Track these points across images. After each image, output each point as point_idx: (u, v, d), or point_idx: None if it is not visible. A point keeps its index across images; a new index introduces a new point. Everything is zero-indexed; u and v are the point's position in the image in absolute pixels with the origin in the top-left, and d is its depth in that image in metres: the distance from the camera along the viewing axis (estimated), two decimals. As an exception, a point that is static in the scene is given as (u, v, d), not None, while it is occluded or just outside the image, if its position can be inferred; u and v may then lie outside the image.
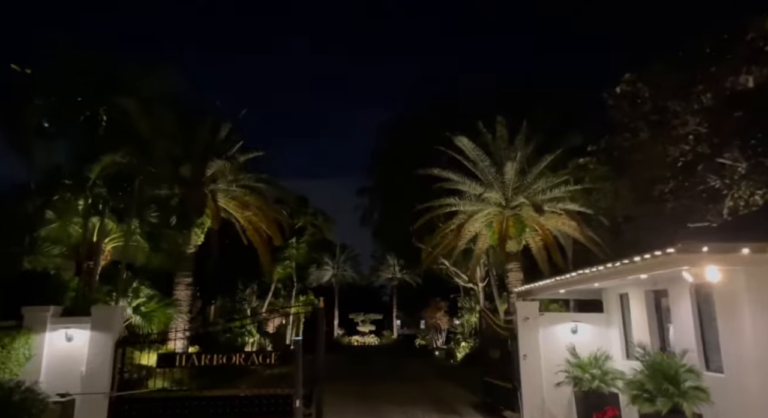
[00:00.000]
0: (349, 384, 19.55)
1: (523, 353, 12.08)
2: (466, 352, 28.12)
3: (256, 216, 19.29)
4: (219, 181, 18.85)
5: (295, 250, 31.87)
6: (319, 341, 12.27)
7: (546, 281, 11.56)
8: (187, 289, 18.63)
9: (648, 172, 16.90)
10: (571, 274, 10.29)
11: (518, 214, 19.20)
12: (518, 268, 19.53)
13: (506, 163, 18.42)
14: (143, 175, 13.53)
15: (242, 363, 11.80)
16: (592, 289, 12.17)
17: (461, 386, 18.33)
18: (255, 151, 19.42)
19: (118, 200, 12.99)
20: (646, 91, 17.17)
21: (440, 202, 20.23)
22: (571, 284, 10.90)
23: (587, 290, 12.68)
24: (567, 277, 10.56)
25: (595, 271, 9.08)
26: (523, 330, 12.12)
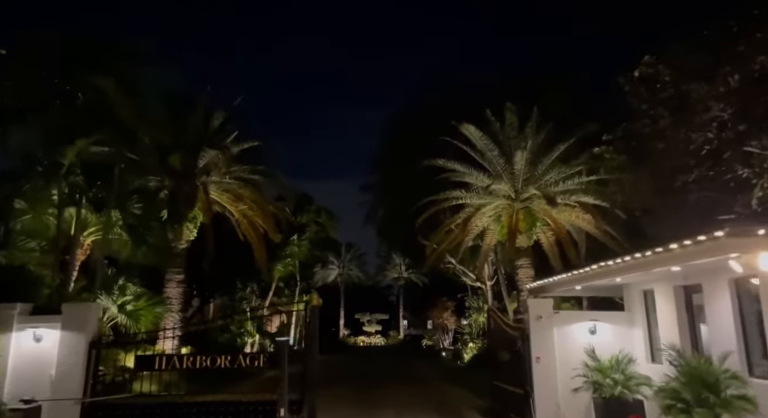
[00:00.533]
0: (349, 387, 18.51)
1: (535, 356, 10.97)
2: (474, 353, 27.01)
3: (251, 210, 18.29)
4: (213, 173, 17.86)
5: (296, 247, 30.86)
6: (313, 341, 11.24)
7: (562, 275, 10.45)
8: (179, 286, 17.67)
9: (669, 162, 15.66)
10: (591, 267, 9.19)
11: (529, 207, 18.10)
12: (529, 264, 18.43)
13: (516, 153, 17.31)
14: (124, 163, 12.57)
15: (228, 365, 10.76)
16: (612, 285, 11.04)
17: (468, 389, 17.23)
18: (250, 141, 18.38)
19: (96, 190, 12.00)
20: (666, 74, 15.95)
21: (445, 195, 19.16)
22: (590, 278, 9.79)
23: (606, 287, 11.56)
24: (587, 270, 9.45)
25: (620, 262, 7.98)
26: (535, 330, 11.02)
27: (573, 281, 10.60)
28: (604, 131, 18.44)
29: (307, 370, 11.03)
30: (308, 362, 11.07)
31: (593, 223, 17.07)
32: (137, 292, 15.94)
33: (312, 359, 11.10)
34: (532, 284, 11.86)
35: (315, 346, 11.20)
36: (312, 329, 11.24)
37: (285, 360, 8.18)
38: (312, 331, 11.23)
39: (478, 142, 17.89)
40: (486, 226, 19.64)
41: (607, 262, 8.39)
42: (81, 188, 11.77)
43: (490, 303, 28.30)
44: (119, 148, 12.13)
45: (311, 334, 11.25)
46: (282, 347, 8.26)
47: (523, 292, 18.28)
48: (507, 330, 12.85)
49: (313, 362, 11.15)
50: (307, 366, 11.03)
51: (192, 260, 23.02)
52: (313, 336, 11.21)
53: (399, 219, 31.91)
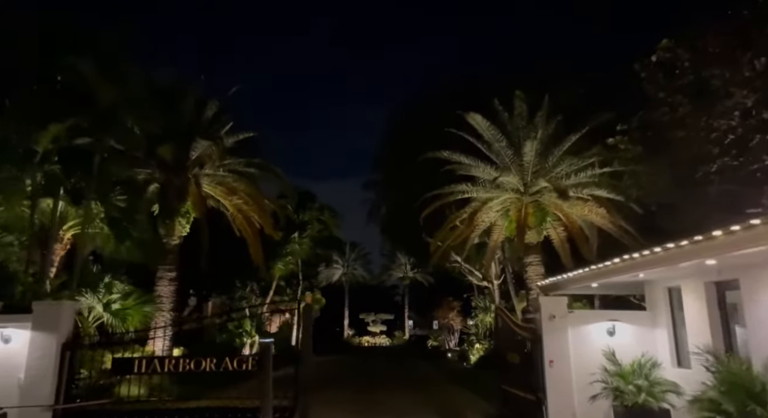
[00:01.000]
0: (350, 389, 17.63)
1: (549, 359, 10.05)
2: (481, 354, 26.07)
3: (247, 205, 17.43)
4: (206, 165, 17.02)
5: (297, 245, 30.02)
6: (306, 342, 10.37)
7: (578, 271, 9.52)
8: (171, 284, 16.85)
9: (690, 151, 14.69)
10: (614, 261, 8.24)
11: (538, 201, 17.15)
12: (539, 261, 17.48)
13: (525, 143, 16.37)
14: (106, 152, 11.74)
15: (213, 369, 9.91)
16: (632, 282, 10.10)
17: (475, 392, 16.30)
18: (245, 132, 17.53)
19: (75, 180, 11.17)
20: (686, 58, 14.97)
21: (450, 189, 18.23)
22: (610, 273, 8.85)
23: (625, 284, 10.63)
24: (608, 265, 8.51)
25: (648, 255, 7.05)
26: (548, 331, 10.09)
27: (590, 278, 9.66)
28: (618, 121, 17.47)
29: (299, 373, 10.19)
30: (301, 364, 10.23)
31: (607, 217, 16.10)
32: (125, 290, 15.15)
33: (305, 362, 10.24)
34: (544, 281, 10.95)
35: (309, 347, 10.34)
36: (306, 329, 10.37)
37: (269, 363, 7.30)
38: (306, 331, 10.36)
39: (485, 132, 16.96)
40: (493, 221, 18.71)
41: (632, 255, 7.45)
42: (58, 178, 10.95)
43: (498, 303, 27.38)
44: (100, 135, 11.28)
45: (305, 334, 10.38)
46: (265, 349, 7.34)
47: (532, 290, 17.34)
48: (517, 331, 11.93)
49: (307, 365, 10.30)
50: (300, 369, 10.19)
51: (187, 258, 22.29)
52: (306, 336, 10.35)
53: (402, 216, 31.01)
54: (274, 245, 28.83)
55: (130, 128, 14.77)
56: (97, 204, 11.81)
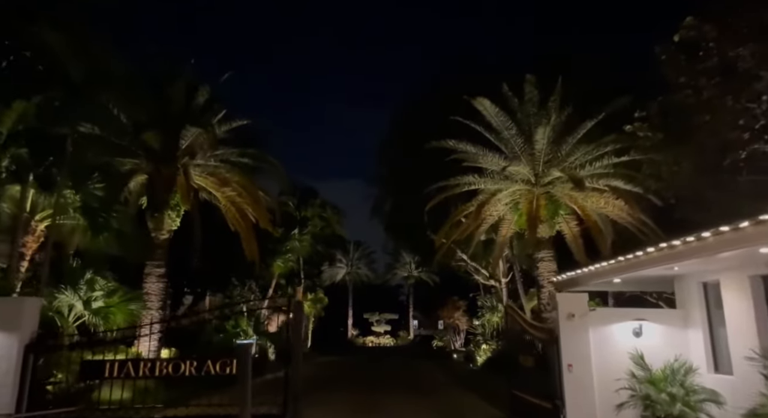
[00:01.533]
0: (351, 393, 16.62)
1: (567, 362, 9.00)
2: (488, 355, 24.98)
3: (240, 197, 16.43)
4: (197, 155, 16.02)
5: (297, 242, 29.01)
6: (296, 343, 9.36)
7: (602, 263, 8.44)
8: (160, 281, 15.87)
9: (716, 138, 13.58)
10: (647, 250, 7.17)
11: (550, 192, 16.06)
12: (551, 257, 16.38)
13: (537, 130, 15.28)
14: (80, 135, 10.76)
15: (193, 372, 8.89)
16: (660, 276, 9.04)
17: (482, 397, 15.24)
18: (239, 120, 16.52)
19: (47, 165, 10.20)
20: (712, 36, 13.85)
21: (456, 181, 17.16)
22: (639, 266, 7.79)
23: (651, 279, 9.56)
24: (639, 255, 7.42)
25: (692, 241, 5.98)
26: (566, 331, 9.04)
27: (615, 271, 8.58)
28: (635, 108, 16.37)
29: (290, 377, 9.16)
30: (292, 366, 9.20)
31: (626, 210, 15.00)
32: (109, 287, 14.22)
33: (296, 365, 9.21)
34: (561, 276, 9.90)
35: (299, 349, 9.31)
36: (296, 328, 9.35)
37: (248, 367, 6.30)
38: (296, 330, 9.34)
39: (493, 119, 15.88)
40: (501, 215, 17.65)
41: (670, 243, 6.38)
42: (25, 163, 9.98)
43: (506, 302, 26.32)
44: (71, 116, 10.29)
45: (295, 333, 9.36)
46: (243, 351, 6.34)
47: (544, 288, 16.27)
48: (529, 331, 10.88)
49: (299, 367, 9.27)
50: (291, 372, 9.16)
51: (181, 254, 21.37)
52: (297, 336, 9.33)
53: (407, 212, 30.05)
54: (274, 241, 27.88)
55: (113, 113, 13.87)
56: (72, 193, 10.84)
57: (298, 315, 9.39)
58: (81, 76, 9.97)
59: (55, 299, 12.86)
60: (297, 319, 9.37)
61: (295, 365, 9.18)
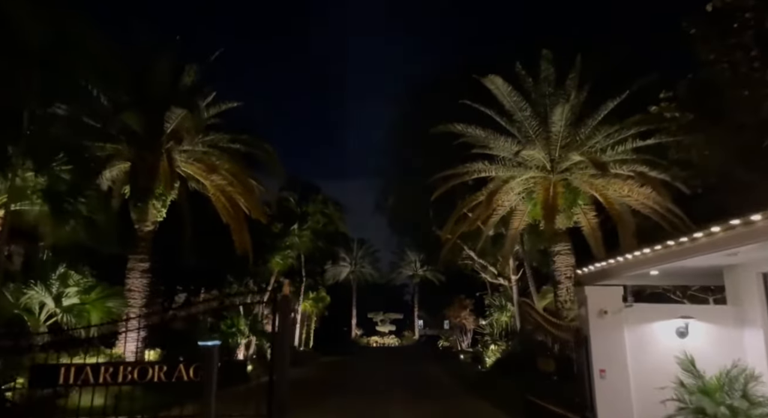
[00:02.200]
0: (349, 397, 15.34)
1: (599, 367, 7.68)
2: (497, 357, 23.60)
3: (231, 185, 15.18)
4: (184, 141, 14.77)
5: (297, 238, 27.72)
6: (282, 344, 8.08)
7: (643, 251, 7.10)
8: (143, 277, 14.66)
9: (755, 116, 12.22)
10: (710, 230, 5.84)
11: (568, 179, 14.74)
12: (568, 250, 15.05)
13: (554, 111, 13.93)
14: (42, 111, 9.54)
15: (163, 378, 7.65)
16: (707, 268, 7.71)
17: (494, 403, 13.90)
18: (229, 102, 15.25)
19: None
20: (750, 4, 12.47)
21: (465, 169, 15.86)
22: (689, 253, 6.44)
23: (695, 271, 8.22)
24: (698, 236, 6.08)
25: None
26: (597, 331, 7.73)
27: (657, 260, 7.22)
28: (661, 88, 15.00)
29: (275, 384, 7.88)
30: (277, 372, 7.93)
31: (652, 198, 13.67)
32: (87, 283, 13.05)
33: (282, 368, 7.93)
34: (588, 268, 8.60)
35: (286, 350, 8.04)
36: (283, 328, 8.08)
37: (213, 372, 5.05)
38: (282, 330, 8.06)
39: (506, 99, 14.54)
40: (513, 206, 16.33)
41: (747, 218, 5.06)
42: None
43: (516, 300, 24.98)
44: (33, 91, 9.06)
45: (281, 334, 8.08)
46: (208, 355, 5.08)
47: (561, 284, 14.95)
48: (550, 330, 9.58)
49: (284, 372, 7.98)
50: (276, 378, 7.89)
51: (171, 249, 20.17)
52: (283, 337, 8.05)
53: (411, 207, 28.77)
54: (272, 236, 26.65)
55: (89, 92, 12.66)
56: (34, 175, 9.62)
57: (285, 312, 8.12)
58: (41, 42, 8.73)
59: (23, 296, 11.68)
60: (284, 316, 8.10)
61: (281, 369, 7.91)
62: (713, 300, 12.95)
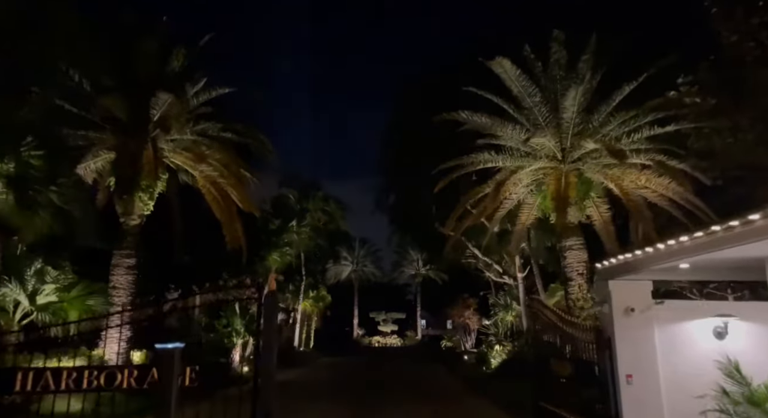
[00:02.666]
0: (349, 400, 14.47)
1: (625, 372, 6.79)
2: (503, 358, 22.71)
3: (223, 177, 14.32)
4: (172, 129, 13.89)
5: (296, 235, 26.85)
6: (270, 345, 7.19)
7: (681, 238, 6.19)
8: (129, 273, 13.80)
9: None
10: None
11: (580, 169, 13.83)
12: (580, 245, 14.11)
13: (566, 95, 13.00)
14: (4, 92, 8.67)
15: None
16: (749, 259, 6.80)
17: (503, 408, 13.02)
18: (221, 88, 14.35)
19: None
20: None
21: (470, 159, 14.97)
22: (736, 240, 5.53)
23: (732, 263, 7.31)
24: (754, 219, 5.18)
25: None
26: (622, 331, 6.85)
27: (691, 251, 6.33)
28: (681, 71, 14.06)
29: (260, 389, 7.00)
30: (262, 375, 7.05)
31: (672, 189, 12.75)
32: (67, 279, 12.26)
33: (267, 372, 7.05)
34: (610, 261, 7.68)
35: (272, 351, 7.15)
36: (267, 326, 7.19)
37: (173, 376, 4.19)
38: (267, 328, 7.18)
39: (514, 84, 13.62)
40: (521, 200, 15.43)
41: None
42: None
43: (522, 299, 24.08)
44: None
45: (266, 333, 7.20)
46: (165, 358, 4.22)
47: (572, 281, 14.01)
48: (566, 330, 8.69)
49: (270, 376, 7.10)
50: (261, 382, 7.01)
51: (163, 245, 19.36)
52: (268, 336, 7.17)
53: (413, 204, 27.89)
54: (269, 233, 25.83)
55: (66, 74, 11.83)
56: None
57: (271, 309, 7.24)
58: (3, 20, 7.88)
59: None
60: (270, 314, 7.22)
61: (267, 373, 7.03)
62: (732, 298, 12.04)
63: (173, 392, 4.44)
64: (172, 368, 4.56)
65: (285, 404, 13.47)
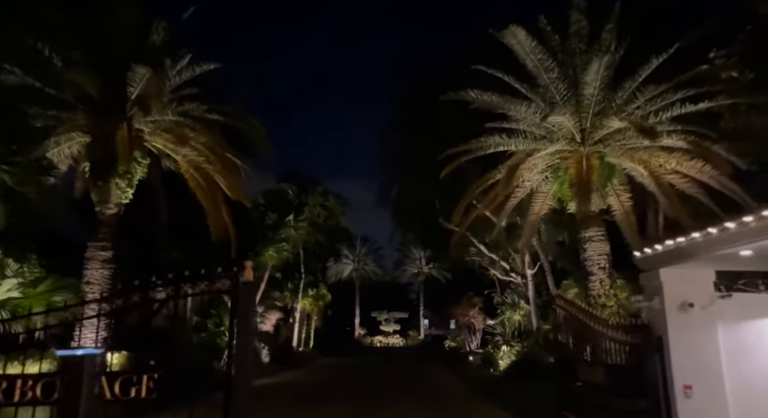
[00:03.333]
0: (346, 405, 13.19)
1: (681, 382, 5.50)
2: (512, 359, 21.38)
3: (209, 162, 13.04)
4: (153, 110, 12.62)
5: (293, 229, 25.57)
6: (242, 345, 5.92)
7: (765, 212, 4.91)
8: (105, 267, 12.54)
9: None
10: None
11: (601, 152, 12.54)
12: (602, 236, 12.87)
13: (587, 69, 11.68)
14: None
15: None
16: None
17: (517, 416, 11.71)
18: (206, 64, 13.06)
19: None
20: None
21: (479, 144, 13.72)
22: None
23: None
24: None
25: None
26: (678, 330, 5.57)
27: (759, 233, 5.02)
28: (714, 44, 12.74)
29: (232, 397, 5.72)
30: (235, 384, 5.76)
31: (707, 173, 11.46)
32: (34, 274, 11.01)
33: (241, 380, 5.77)
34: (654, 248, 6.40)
35: (247, 353, 5.87)
36: (243, 323, 5.91)
37: (82, 389, 2.94)
38: (242, 326, 5.90)
39: (529, 56, 12.32)
40: (534, 188, 14.20)
41: None
42: None
43: (532, 297, 22.79)
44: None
45: (241, 331, 5.92)
46: (73, 367, 2.94)
47: (594, 276, 12.76)
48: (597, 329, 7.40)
49: (244, 385, 5.82)
50: (234, 393, 5.73)
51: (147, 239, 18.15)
52: (243, 335, 5.88)
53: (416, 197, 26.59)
54: (264, 228, 24.56)
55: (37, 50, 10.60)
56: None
57: (248, 304, 5.96)
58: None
59: None
60: (246, 309, 5.94)
61: (241, 378, 5.75)
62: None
63: (81, 404, 3.25)
64: (81, 379, 3.37)
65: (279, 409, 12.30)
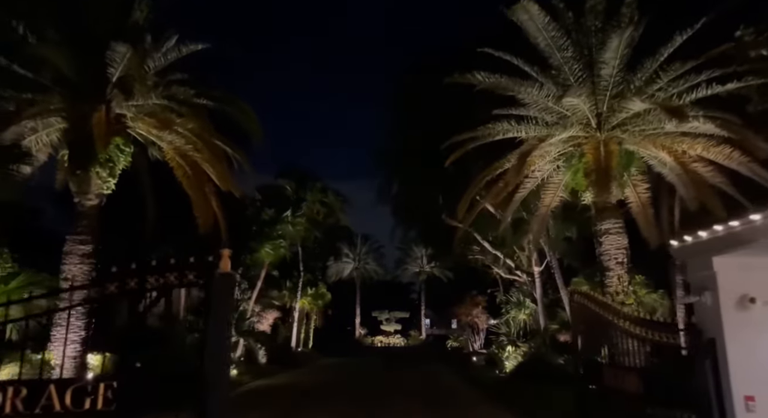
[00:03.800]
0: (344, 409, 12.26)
1: (742, 392, 4.58)
2: (519, 360, 20.49)
3: (197, 149, 12.13)
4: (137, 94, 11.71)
5: (290, 226, 24.66)
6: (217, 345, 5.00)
7: None
8: (84, 263, 11.66)
9: None
10: None
11: (619, 137, 11.62)
12: (619, 229, 11.95)
13: (606, 47, 10.76)
14: None
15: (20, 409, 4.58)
16: None
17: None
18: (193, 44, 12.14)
19: None
20: None
21: (487, 131, 12.81)
22: None
23: None
24: None
25: None
26: (736, 331, 4.71)
27: None
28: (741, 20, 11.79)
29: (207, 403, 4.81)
30: (211, 392, 4.85)
31: (736, 159, 10.54)
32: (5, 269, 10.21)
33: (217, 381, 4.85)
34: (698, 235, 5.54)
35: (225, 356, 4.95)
36: (218, 319, 4.99)
37: None
38: (218, 326, 4.98)
39: (541, 34, 11.38)
40: (545, 178, 13.30)
41: None
42: None
43: (539, 295, 21.92)
44: None
45: (218, 331, 5.00)
46: None
47: (610, 271, 11.85)
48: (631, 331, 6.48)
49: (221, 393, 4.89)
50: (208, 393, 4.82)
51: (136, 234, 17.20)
52: (220, 335, 4.96)
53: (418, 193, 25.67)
54: (261, 224, 23.67)
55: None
56: None
57: (224, 298, 5.04)
58: None
59: None
60: (222, 304, 5.02)
61: (215, 384, 4.83)
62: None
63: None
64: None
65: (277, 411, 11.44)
